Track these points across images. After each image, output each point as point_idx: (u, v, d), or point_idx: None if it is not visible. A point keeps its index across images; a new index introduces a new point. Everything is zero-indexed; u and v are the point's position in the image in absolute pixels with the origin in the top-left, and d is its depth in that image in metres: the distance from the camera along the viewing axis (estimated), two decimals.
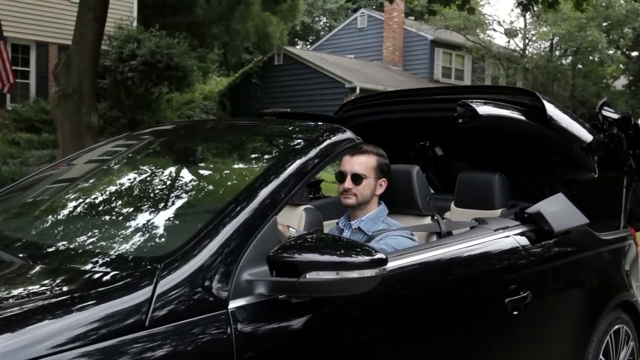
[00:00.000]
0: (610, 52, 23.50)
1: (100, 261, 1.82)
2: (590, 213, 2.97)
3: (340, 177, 2.76)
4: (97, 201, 2.42)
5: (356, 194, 2.73)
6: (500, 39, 35.98)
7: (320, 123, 2.44)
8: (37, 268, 1.83)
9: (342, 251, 1.76)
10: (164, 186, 2.46)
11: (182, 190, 2.43)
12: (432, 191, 4.02)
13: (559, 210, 2.86)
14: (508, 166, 3.29)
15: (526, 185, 3.28)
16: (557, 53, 23.69)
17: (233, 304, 1.70)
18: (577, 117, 3.45)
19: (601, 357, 3.04)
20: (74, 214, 2.36)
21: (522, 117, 3.00)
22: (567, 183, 3.38)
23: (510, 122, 2.98)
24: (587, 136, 3.29)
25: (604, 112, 3.51)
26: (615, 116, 3.54)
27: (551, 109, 3.07)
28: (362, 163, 2.73)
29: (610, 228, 3.43)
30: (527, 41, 23.97)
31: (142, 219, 2.16)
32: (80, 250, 1.93)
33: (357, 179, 2.72)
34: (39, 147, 13.09)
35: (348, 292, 1.80)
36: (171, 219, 2.17)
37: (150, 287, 1.60)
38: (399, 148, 3.82)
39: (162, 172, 2.59)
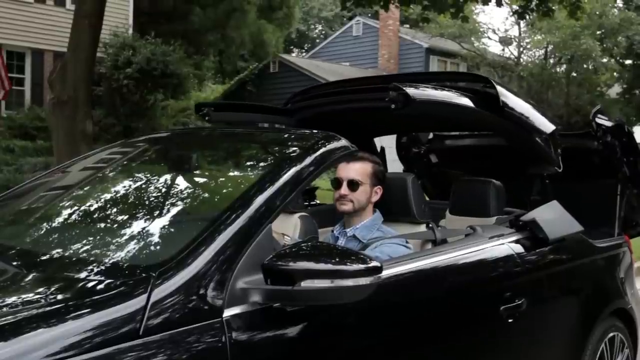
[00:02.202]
0: (604, 60, 23.58)
1: (95, 269, 1.81)
2: (584, 220, 2.98)
3: (336, 183, 2.76)
4: (91, 209, 2.42)
5: (352, 201, 2.73)
6: (495, 46, 36.16)
7: (316, 131, 2.44)
8: (31, 276, 1.83)
9: (337, 259, 1.77)
10: (158, 194, 2.46)
11: (177, 198, 2.42)
12: (427, 198, 4.02)
13: (553, 218, 2.86)
14: (490, 168, 3.27)
15: (510, 190, 3.26)
16: (551, 61, 23.77)
17: (228, 312, 1.70)
18: (539, 107, 3.29)
19: None
20: (68, 221, 2.36)
21: (470, 104, 2.80)
22: (542, 180, 3.32)
23: (454, 109, 2.81)
24: (547, 126, 3.06)
25: (598, 120, 3.53)
26: (609, 124, 3.56)
27: (506, 96, 2.88)
28: (358, 169, 2.74)
29: (605, 235, 3.44)
30: (521, 49, 24.05)
31: (136, 226, 2.15)
32: (74, 259, 1.93)
33: (353, 185, 2.72)
34: (34, 155, 13.04)
35: (343, 300, 1.79)
36: (166, 226, 2.17)
37: (145, 296, 1.59)
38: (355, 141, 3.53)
39: (157, 180, 2.59)
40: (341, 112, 3.35)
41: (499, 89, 2.87)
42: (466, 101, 2.80)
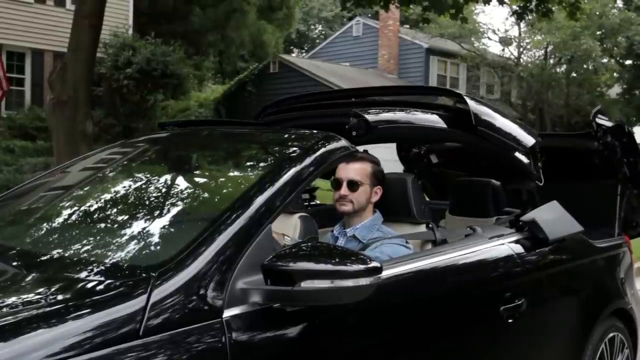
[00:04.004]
0: (604, 60, 23.60)
1: (95, 270, 1.81)
2: (584, 221, 2.98)
3: (336, 184, 2.76)
4: (91, 209, 2.42)
5: (352, 201, 2.73)
6: (495, 47, 36.18)
7: (315, 131, 2.43)
8: (31, 276, 1.83)
9: (337, 260, 1.77)
10: (158, 194, 2.46)
11: (177, 198, 2.42)
12: (427, 199, 4.02)
13: (553, 218, 2.86)
14: (490, 169, 3.25)
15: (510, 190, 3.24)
16: (551, 61, 23.77)
17: (228, 313, 1.70)
18: (517, 120, 3.15)
19: None
20: (68, 222, 2.36)
21: (441, 124, 2.66)
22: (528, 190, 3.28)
23: (424, 131, 2.69)
24: (527, 140, 2.93)
25: (598, 120, 3.53)
26: (609, 124, 3.56)
27: (481, 113, 2.73)
28: (358, 170, 2.74)
29: (605, 236, 3.44)
30: (521, 49, 24.05)
31: (136, 227, 2.15)
32: (74, 259, 1.93)
33: (353, 185, 2.72)
34: (34, 155, 13.06)
35: (343, 301, 1.79)
36: (166, 227, 2.16)
37: (145, 296, 1.60)
38: None
39: (157, 180, 2.58)
40: (314, 126, 3.27)
41: (472, 105, 2.69)
42: (436, 121, 2.66)
